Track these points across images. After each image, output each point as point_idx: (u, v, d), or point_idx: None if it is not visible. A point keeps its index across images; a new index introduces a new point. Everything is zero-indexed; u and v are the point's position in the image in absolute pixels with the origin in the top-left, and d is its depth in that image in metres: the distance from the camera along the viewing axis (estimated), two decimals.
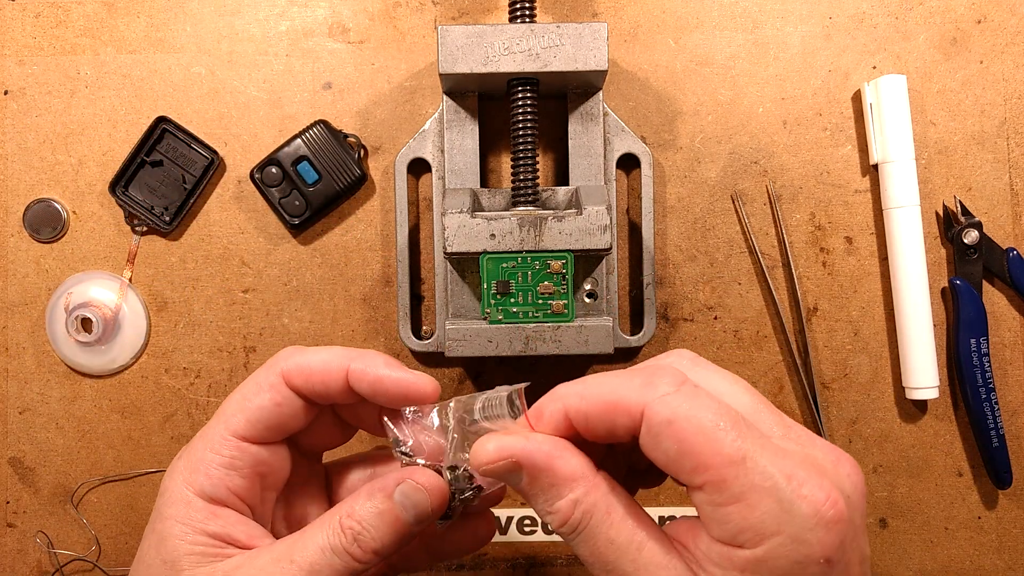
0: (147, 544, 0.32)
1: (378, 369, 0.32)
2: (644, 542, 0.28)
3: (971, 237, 0.48)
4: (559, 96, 0.48)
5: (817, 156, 0.50)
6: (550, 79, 0.45)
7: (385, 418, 0.33)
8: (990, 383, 0.48)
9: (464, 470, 0.32)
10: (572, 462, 0.29)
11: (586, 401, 0.28)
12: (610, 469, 0.30)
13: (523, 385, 0.31)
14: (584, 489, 0.28)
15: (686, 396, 0.26)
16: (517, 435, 0.29)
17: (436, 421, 0.33)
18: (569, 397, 0.29)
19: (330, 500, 0.37)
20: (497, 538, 0.50)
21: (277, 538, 0.33)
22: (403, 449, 0.33)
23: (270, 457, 0.34)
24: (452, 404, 0.32)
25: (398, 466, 0.34)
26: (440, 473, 0.32)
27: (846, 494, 0.26)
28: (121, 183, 0.49)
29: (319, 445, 0.37)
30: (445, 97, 0.47)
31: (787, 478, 0.25)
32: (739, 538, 0.25)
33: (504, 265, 0.43)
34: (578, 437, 0.30)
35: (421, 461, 0.33)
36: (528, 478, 0.29)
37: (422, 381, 0.32)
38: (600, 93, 0.47)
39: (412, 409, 0.33)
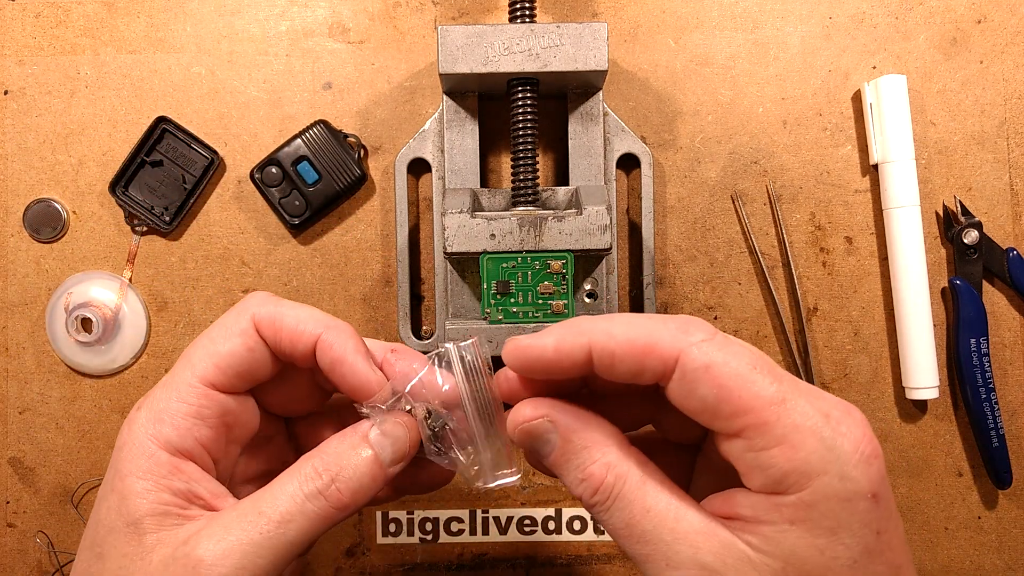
0: (105, 506, 0.30)
1: (345, 352, 0.31)
2: (683, 509, 0.26)
3: (971, 237, 0.48)
4: (559, 96, 0.48)
5: (817, 156, 0.50)
6: (550, 79, 0.45)
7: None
8: (990, 383, 0.48)
9: (436, 416, 0.32)
10: (605, 425, 0.28)
11: (615, 340, 0.27)
12: None
13: (471, 341, 0.31)
14: (617, 453, 0.28)
15: (721, 344, 0.26)
16: (548, 400, 0.29)
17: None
18: (596, 333, 0.27)
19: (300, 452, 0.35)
20: (497, 538, 0.50)
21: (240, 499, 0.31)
22: (373, 406, 0.32)
23: (237, 407, 0.32)
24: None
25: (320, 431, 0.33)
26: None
27: None
28: (121, 183, 0.49)
29: (290, 407, 0.35)
30: (445, 97, 0.47)
31: (825, 417, 0.25)
32: (785, 482, 0.25)
33: (504, 265, 0.43)
34: (584, 377, 0.29)
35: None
36: (562, 440, 0.28)
37: (369, 379, 0.31)
38: (600, 93, 0.47)
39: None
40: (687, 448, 0.32)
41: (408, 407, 0.31)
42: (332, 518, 0.29)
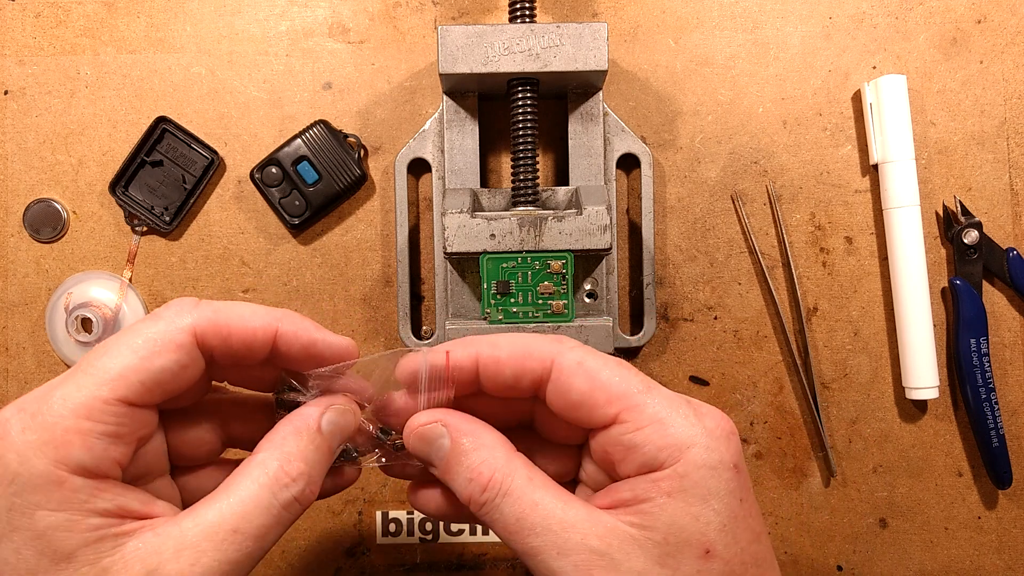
0: (11, 548, 0.25)
1: (310, 332, 0.30)
2: (568, 502, 0.28)
3: (971, 237, 0.48)
4: (559, 96, 0.48)
5: (817, 156, 0.50)
6: (550, 79, 0.45)
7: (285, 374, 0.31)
8: (990, 383, 0.48)
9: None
10: (492, 431, 0.30)
11: (499, 349, 0.30)
12: None
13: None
14: (505, 454, 0.29)
15: (589, 349, 0.30)
16: (440, 409, 0.31)
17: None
18: (482, 344, 0.30)
19: (166, 440, 0.32)
20: (497, 538, 0.50)
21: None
22: (297, 398, 0.31)
23: (150, 419, 0.29)
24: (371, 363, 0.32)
25: (248, 411, 0.33)
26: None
27: None
28: (121, 183, 0.49)
29: (179, 401, 0.32)
30: (445, 97, 0.47)
31: (687, 402, 0.29)
32: (659, 457, 0.27)
33: (504, 265, 0.43)
34: (474, 391, 0.31)
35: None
36: (452, 443, 0.29)
37: (346, 342, 0.31)
38: (600, 93, 0.47)
39: (326, 369, 0.31)
40: (568, 452, 0.33)
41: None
42: (299, 514, 0.29)
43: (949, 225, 0.49)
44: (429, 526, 0.50)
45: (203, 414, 0.33)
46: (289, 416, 0.30)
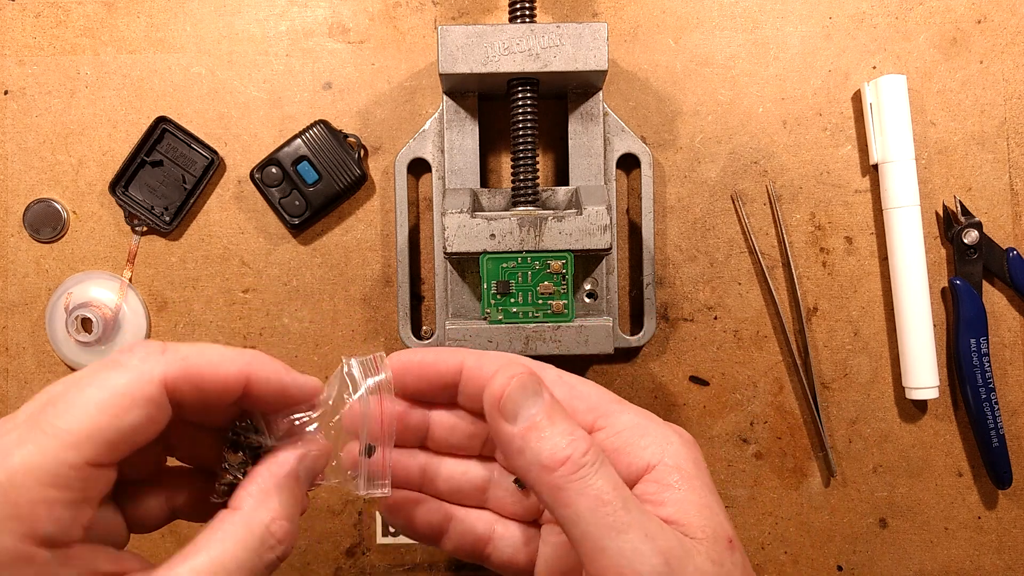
0: None
1: (280, 375, 0.28)
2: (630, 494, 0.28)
3: (971, 237, 0.48)
4: (559, 96, 0.48)
5: (817, 156, 0.50)
6: (550, 79, 0.45)
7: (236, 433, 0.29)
8: (990, 383, 0.48)
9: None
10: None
11: (484, 359, 0.31)
12: None
13: (374, 356, 0.31)
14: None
15: (563, 371, 0.32)
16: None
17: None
18: (468, 354, 0.31)
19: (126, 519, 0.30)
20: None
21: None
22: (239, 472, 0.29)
23: (114, 471, 0.26)
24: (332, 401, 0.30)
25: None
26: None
27: None
28: (121, 183, 0.49)
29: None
30: (445, 97, 0.47)
31: (649, 413, 0.31)
32: (644, 457, 0.29)
33: (504, 265, 0.43)
34: (451, 399, 0.32)
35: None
36: (548, 399, 0.28)
37: (313, 382, 0.30)
38: (600, 93, 0.47)
39: (301, 415, 0.30)
40: None
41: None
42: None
43: (949, 225, 0.49)
44: None
45: None
46: (267, 465, 0.28)
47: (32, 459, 0.24)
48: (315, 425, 0.30)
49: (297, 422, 0.29)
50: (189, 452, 0.31)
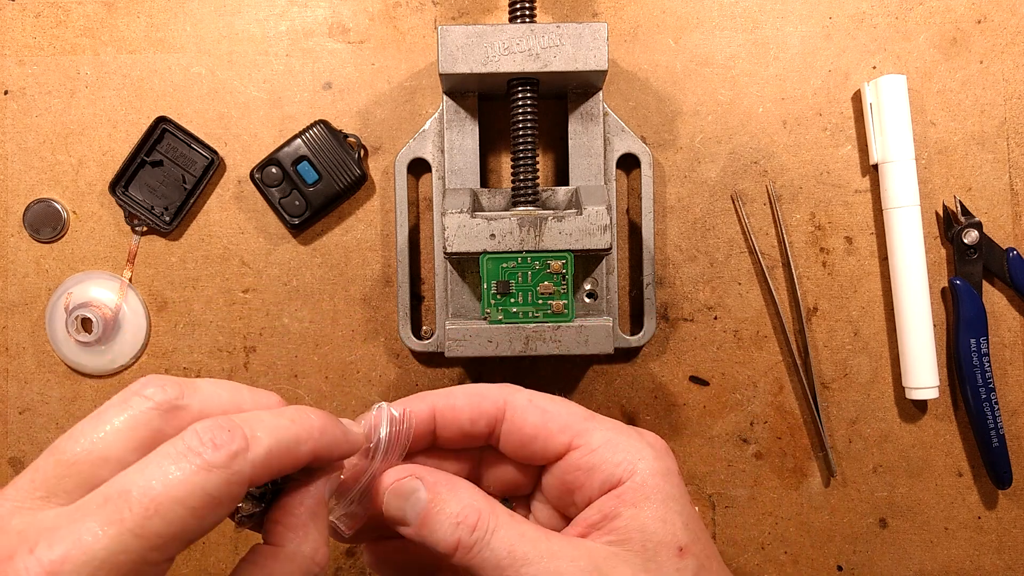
0: None
1: (340, 445, 0.29)
2: (548, 533, 0.30)
3: (971, 237, 0.48)
4: (559, 96, 0.48)
5: (817, 156, 0.50)
6: (550, 79, 0.45)
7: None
8: (990, 383, 0.48)
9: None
10: (462, 479, 0.32)
11: (454, 397, 0.32)
12: None
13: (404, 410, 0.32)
14: (483, 495, 0.30)
15: (534, 392, 0.33)
16: (409, 465, 0.32)
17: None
18: (436, 396, 0.32)
19: None
20: None
21: None
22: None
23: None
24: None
25: None
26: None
27: None
28: (121, 183, 0.49)
29: None
30: (445, 97, 0.47)
31: (626, 426, 0.32)
32: (616, 472, 0.30)
33: (504, 265, 0.43)
34: (428, 445, 0.33)
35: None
36: (431, 493, 0.30)
37: (361, 438, 0.30)
38: (600, 93, 0.47)
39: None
40: (519, 504, 0.35)
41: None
42: None
43: (949, 225, 0.49)
44: None
45: None
46: (300, 496, 0.28)
47: (109, 552, 0.22)
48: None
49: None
50: None
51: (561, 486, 0.32)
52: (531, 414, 0.31)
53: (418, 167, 0.49)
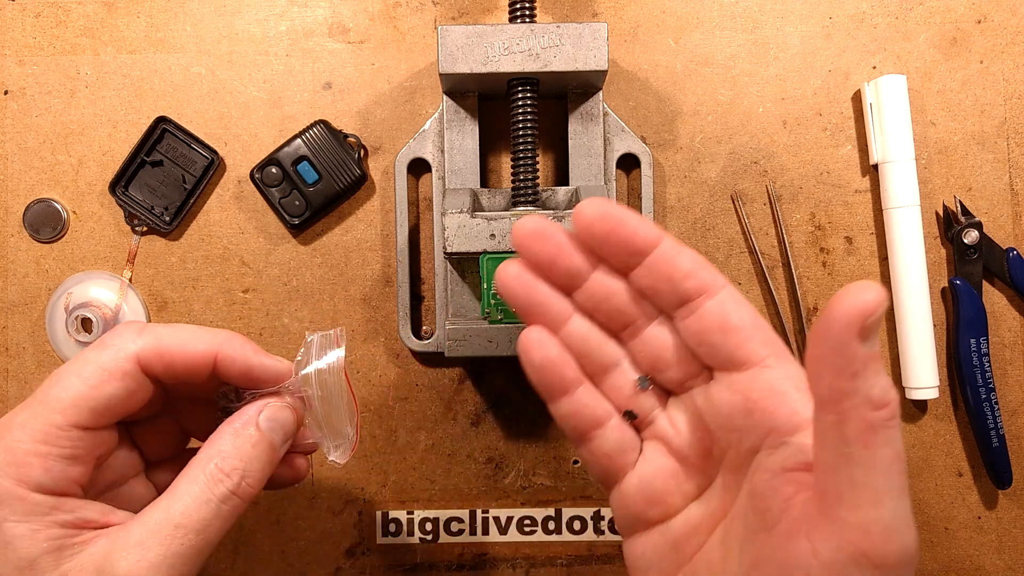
0: None
1: (248, 357, 0.33)
2: None
3: (971, 237, 0.48)
4: (559, 96, 0.48)
5: (817, 156, 0.50)
6: (550, 79, 0.45)
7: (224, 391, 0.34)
8: (990, 383, 0.48)
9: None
10: None
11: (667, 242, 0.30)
12: None
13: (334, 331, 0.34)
14: None
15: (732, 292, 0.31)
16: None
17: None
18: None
19: (142, 456, 0.36)
20: (497, 538, 0.50)
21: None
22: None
23: (107, 438, 0.32)
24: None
25: (203, 407, 0.35)
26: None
27: None
28: (121, 183, 0.49)
29: (137, 415, 0.35)
30: (445, 97, 0.47)
31: None
32: (806, 450, 0.28)
33: None
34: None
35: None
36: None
37: (284, 366, 0.33)
38: (600, 93, 0.47)
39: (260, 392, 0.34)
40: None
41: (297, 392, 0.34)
42: (241, 509, 0.31)
43: (949, 225, 0.49)
44: (429, 526, 0.50)
45: (163, 416, 0.36)
46: (230, 418, 0.33)
47: (27, 421, 0.30)
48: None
49: (259, 395, 0.33)
50: (204, 429, 0.35)
51: (733, 400, 0.29)
52: (741, 310, 0.30)
53: (418, 167, 0.49)
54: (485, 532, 0.50)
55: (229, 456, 0.31)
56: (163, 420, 0.36)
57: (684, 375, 0.32)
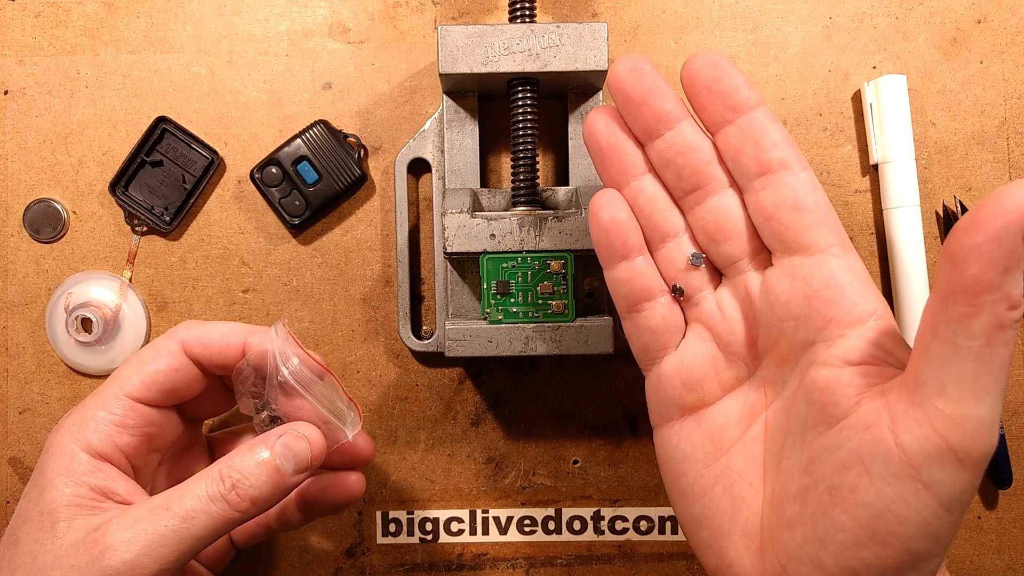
0: (27, 500, 0.34)
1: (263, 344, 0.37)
2: None
3: None
4: (559, 96, 0.48)
5: (817, 156, 0.50)
6: (550, 79, 0.45)
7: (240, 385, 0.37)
8: None
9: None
10: None
11: None
12: None
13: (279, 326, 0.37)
14: None
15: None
16: None
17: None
18: None
19: (214, 457, 0.42)
20: (497, 538, 0.50)
21: None
22: (270, 414, 0.37)
23: (160, 419, 0.37)
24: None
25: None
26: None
27: None
28: (121, 183, 0.49)
29: (205, 412, 0.41)
30: (445, 97, 0.47)
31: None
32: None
33: (504, 265, 0.43)
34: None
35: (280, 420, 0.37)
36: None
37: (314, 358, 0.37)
38: (600, 93, 0.47)
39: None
40: None
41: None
42: (233, 519, 0.33)
43: (949, 225, 0.49)
44: (429, 526, 0.50)
45: (244, 434, 0.44)
46: (252, 438, 0.36)
47: (98, 392, 0.36)
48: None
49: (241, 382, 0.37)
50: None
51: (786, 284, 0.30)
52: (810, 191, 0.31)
53: (418, 167, 0.49)
54: (485, 532, 0.50)
55: (232, 466, 0.34)
56: (198, 449, 0.41)
57: (741, 252, 0.32)
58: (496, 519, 0.50)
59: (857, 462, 0.27)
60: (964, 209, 0.49)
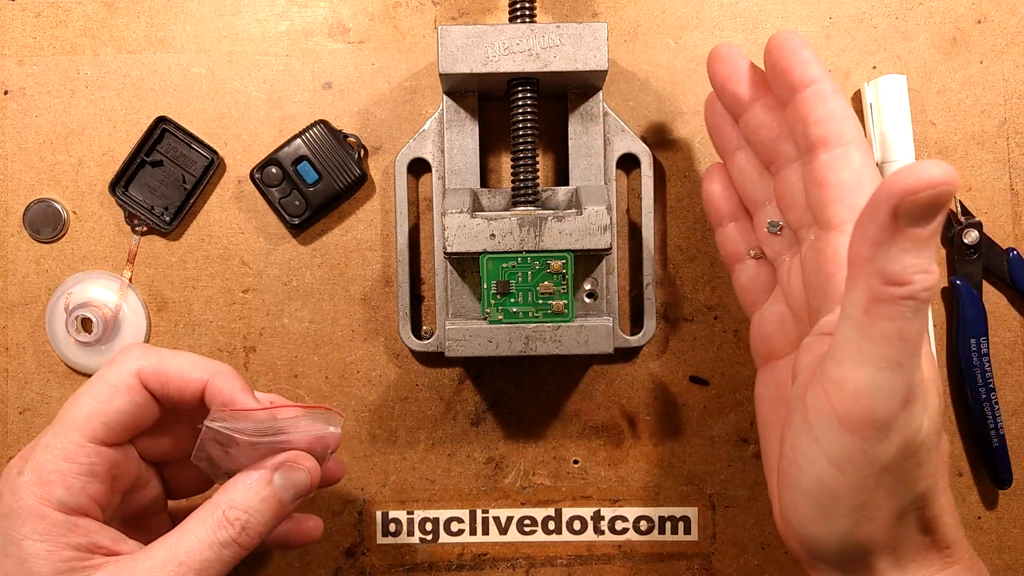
0: (3, 572, 0.31)
1: (234, 393, 0.34)
2: None
3: (971, 237, 0.48)
4: (559, 96, 0.48)
5: None
6: (550, 79, 0.45)
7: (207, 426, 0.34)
8: (990, 383, 0.48)
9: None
10: None
11: None
12: None
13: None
14: None
15: None
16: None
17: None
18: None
19: (167, 492, 0.39)
20: (497, 538, 0.50)
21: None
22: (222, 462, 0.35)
23: (123, 457, 0.34)
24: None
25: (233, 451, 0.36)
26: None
27: None
28: (121, 183, 0.49)
29: (166, 451, 0.37)
30: (445, 97, 0.47)
31: None
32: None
33: (504, 265, 0.43)
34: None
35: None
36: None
37: (264, 414, 0.35)
38: (600, 93, 0.47)
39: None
40: None
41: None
42: (242, 556, 0.33)
43: (949, 225, 0.49)
44: (429, 526, 0.50)
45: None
46: (248, 470, 0.34)
47: (51, 440, 0.32)
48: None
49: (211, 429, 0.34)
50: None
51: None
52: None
53: (418, 167, 0.49)
54: (485, 532, 0.50)
55: (236, 506, 0.33)
56: (153, 483, 0.38)
57: (802, 221, 0.35)
58: (496, 519, 0.50)
59: (791, 416, 0.31)
60: (964, 209, 0.49)
